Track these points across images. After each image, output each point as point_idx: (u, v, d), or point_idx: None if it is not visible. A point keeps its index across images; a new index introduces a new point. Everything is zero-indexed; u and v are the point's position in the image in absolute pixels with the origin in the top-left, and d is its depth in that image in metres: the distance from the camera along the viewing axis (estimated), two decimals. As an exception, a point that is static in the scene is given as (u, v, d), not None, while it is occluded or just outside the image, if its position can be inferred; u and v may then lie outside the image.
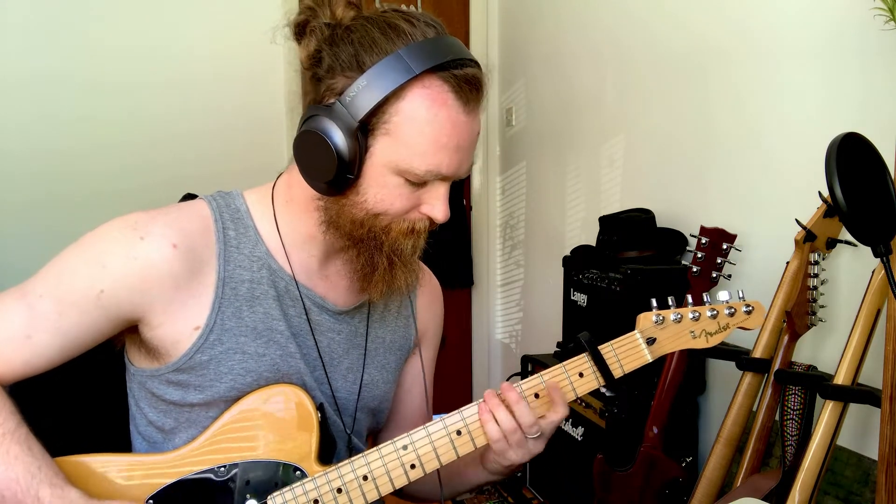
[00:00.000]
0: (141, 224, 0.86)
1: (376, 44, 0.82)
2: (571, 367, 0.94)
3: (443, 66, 0.82)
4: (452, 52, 0.84)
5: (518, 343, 3.22)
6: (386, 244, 0.89)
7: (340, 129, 0.82)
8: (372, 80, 0.81)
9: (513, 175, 3.22)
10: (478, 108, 0.87)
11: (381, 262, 0.90)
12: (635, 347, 0.95)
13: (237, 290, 0.91)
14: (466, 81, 0.84)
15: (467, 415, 0.91)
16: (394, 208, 0.87)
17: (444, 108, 0.83)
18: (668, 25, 2.10)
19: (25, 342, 0.84)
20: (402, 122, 0.82)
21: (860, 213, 0.93)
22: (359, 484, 0.88)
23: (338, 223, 0.89)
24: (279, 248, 0.94)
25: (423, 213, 0.89)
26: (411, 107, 0.82)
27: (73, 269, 0.85)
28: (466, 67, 0.84)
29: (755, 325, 0.98)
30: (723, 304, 0.97)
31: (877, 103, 1.43)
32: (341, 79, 0.83)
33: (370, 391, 1.03)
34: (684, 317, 0.96)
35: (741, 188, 1.82)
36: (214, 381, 0.89)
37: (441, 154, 0.84)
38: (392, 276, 0.92)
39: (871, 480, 1.40)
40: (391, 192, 0.86)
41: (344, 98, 0.82)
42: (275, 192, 0.96)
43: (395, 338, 1.07)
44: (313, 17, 0.87)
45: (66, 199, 2.60)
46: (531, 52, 3.00)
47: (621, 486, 1.61)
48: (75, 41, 2.63)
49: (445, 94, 0.83)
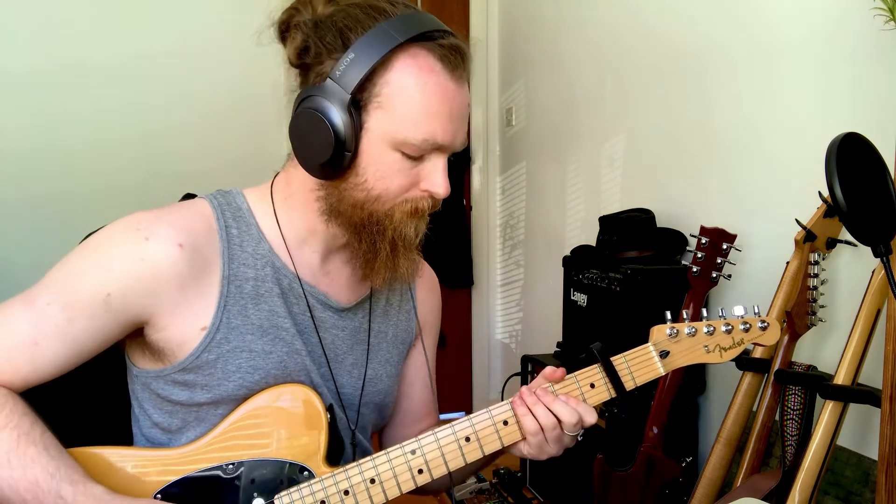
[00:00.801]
0: (145, 224, 0.86)
1: (359, 21, 0.83)
2: (583, 377, 0.94)
3: (427, 36, 0.84)
4: (433, 24, 0.85)
5: (518, 343, 3.22)
6: (389, 228, 0.89)
7: (333, 104, 0.83)
8: (358, 53, 0.82)
9: (513, 175, 3.22)
10: (465, 78, 0.87)
11: (383, 247, 0.90)
12: (648, 360, 0.95)
13: (242, 289, 0.91)
14: (451, 50, 0.85)
15: (477, 421, 0.91)
16: (394, 185, 0.87)
17: (432, 75, 0.83)
18: (669, 26, 2.10)
19: (34, 349, 0.83)
20: (393, 94, 0.83)
21: (860, 213, 0.93)
22: (366, 486, 0.88)
23: (339, 209, 0.89)
24: (281, 245, 0.94)
25: (424, 190, 0.89)
26: (400, 76, 0.83)
27: (80, 273, 0.85)
28: (449, 38, 0.86)
29: (770, 341, 0.97)
30: (738, 318, 0.96)
31: (877, 103, 1.42)
32: (329, 61, 0.84)
33: (374, 386, 1.03)
34: (699, 331, 0.95)
35: (741, 188, 1.82)
36: (222, 379, 0.89)
37: (434, 122, 0.84)
38: (395, 263, 0.92)
39: (871, 480, 1.40)
40: (390, 168, 0.86)
41: (333, 74, 0.82)
42: (273, 189, 0.96)
43: (397, 331, 1.07)
44: (296, 14, 0.88)
45: (65, 198, 2.60)
46: (531, 52, 3.00)
47: (621, 486, 1.61)
48: (75, 40, 2.63)
49: (432, 61, 0.84)
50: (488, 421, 0.91)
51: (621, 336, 1.82)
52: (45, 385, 0.87)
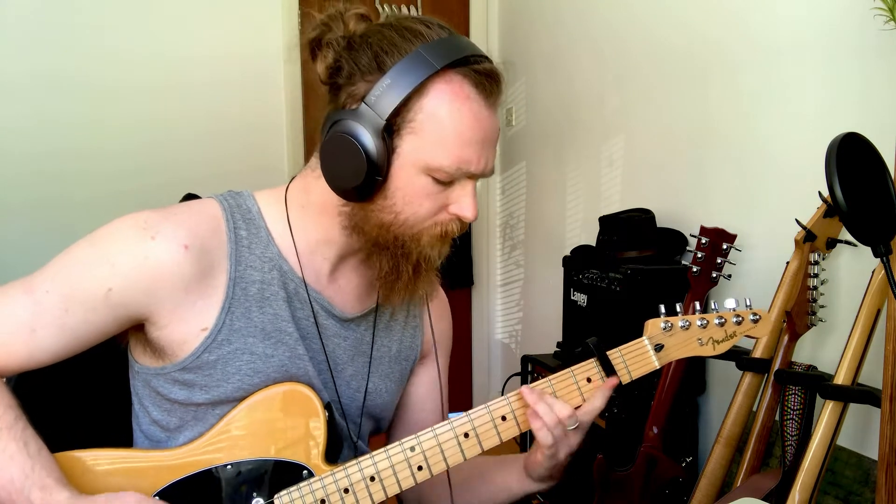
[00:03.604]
0: (152, 223, 0.86)
1: (395, 45, 0.83)
2: (579, 372, 0.94)
3: (462, 62, 0.83)
4: (469, 49, 0.85)
5: (518, 343, 3.22)
6: (415, 252, 0.89)
7: (368, 130, 0.82)
8: (395, 79, 0.81)
9: (513, 175, 3.22)
10: (498, 103, 0.87)
11: (406, 270, 0.90)
12: (643, 354, 0.95)
13: (247, 291, 0.90)
14: (486, 75, 0.85)
15: (475, 416, 0.91)
16: (423, 210, 0.87)
17: (466, 102, 0.83)
18: (669, 25, 2.10)
19: (30, 335, 0.83)
20: (427, 119, 0.83)
21: (860, 213, 0.93)
22: (366, 484, 0.88)
23: (363, 229, 0.89)
24: (291, 250, 0.93)
25: (452, 213, 0.89)
26: (435, 103, 0.83)
27: (82, 265, 0.85)
28: (485, 63, 0.85)
29: (762, 333, 0.98)
30: (730, 311, 0.97)
31: (877, 103, 1.42)
32: (362, 84, 0.84)
33: (374, 400, 1.03)
34: (692, 324, 0.96)
35: (741, 188, 1.82)
36: (221, 381, 0.89)
37: (467, 149, 0.84)
38: (415, 285, 0.92)
39: (871, 480, 1.40)
40: (419, 193, 0.86)
41: (369, 99, 0.82)
42: (288, 195, 0.95)
43: (400, 347, 1.06)
44: (328, 31, 0.87)
45: (66, 201, 2.60)
46: (531, 52, 3.00)
47: (621, 486, 1.61)
48: (75, 43, 2.64)
49: (467, 88, 0.83)
50: (486, 416, 0.91)
51: (621, 336, 1.82)
52: (48, 381, 0.87)
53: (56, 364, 0.87)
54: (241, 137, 2.87)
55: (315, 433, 0.90)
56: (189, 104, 2.80)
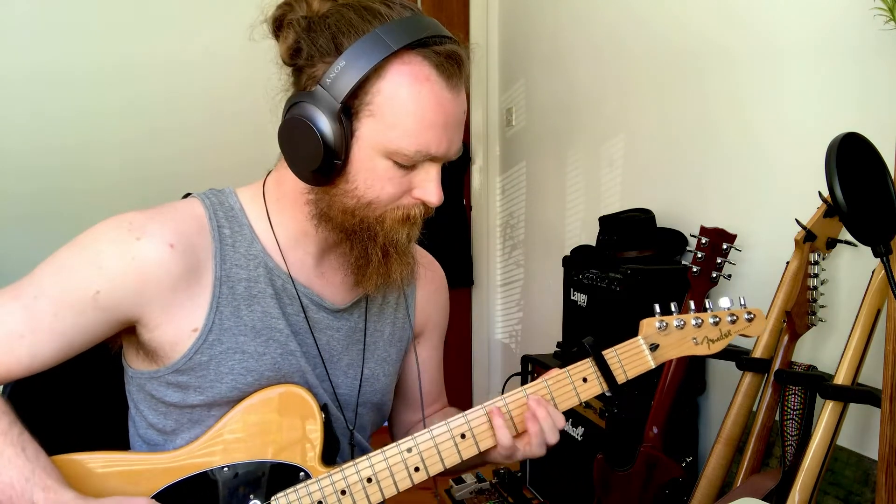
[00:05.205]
0: (137, 224, 0.86)
1: (353, 26, 0.82)
2: (575, 371, 0.94)
3: (422, 43, 0.82)
4: (431, 29, 0.83)
5: (518, 343, 3.22)
6: (380, 235, 0.88)
7: (323, 112, 0.81)
8: (350, 60, 0.80)
9: (513, 175, 3.22)
10: (461, 85, 0.85)
11: (375, 253, 0.89)
12: (639, 353, 0.95)
13: (234, 289, 0.90)
14: (447, 57, 0.83)
15: (472, 418, 0.91)
16: (385, 193, 0.86)
17: (426, 84, 0.82)
18: (668, 25, 2.10)
19: (19, 342, 0.82)
20: (385, 102, 0.82)
21: (860, 213, 0.93)
22: (363, 486, 0.88)
23: (329, 215, 0.88)
24: (274, 246, 0.93)
25: (416, 198, 0.88)
26: (392, 85, 0.81)
27: (69, 269, 0.84)
28: (446, 44, 0.84)
29: (756, 332, 0.98)
30: (725, 310, 0.97)
31: (877, 103, 1.42)
32: (321, 65, 0.83)
33: (371, 385, 1.03)
34: (687, 323, 0.96)
35: (741, 188, 1.82)
36: (215, 381, 0.89)
37: (429, 133, 0.83)
38: (387, 269, 0.91)
39: (871, 480, 1.39)
40: (381, 177, 0.85)
41: (324, 81, 0.81)
42: (265, 189, 0.95)
43: (394, 329, 1.06)
44: (290, 11, 0.86)
45: (63, 196, 2.61)
46: (531, 52, 3.00)
47: (621, 486, 1.61)
48: (74, 39, 2.64)
49: (427, 69, 0.82)
50: (483, 417, 0.91)
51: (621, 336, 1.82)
52: (44, 388, 0.86)
53: (52, 369, 0.86)
54: (241, 137, 2.86)
55: (311, 435, 0.90)
56: (189, 104, 2.79)
